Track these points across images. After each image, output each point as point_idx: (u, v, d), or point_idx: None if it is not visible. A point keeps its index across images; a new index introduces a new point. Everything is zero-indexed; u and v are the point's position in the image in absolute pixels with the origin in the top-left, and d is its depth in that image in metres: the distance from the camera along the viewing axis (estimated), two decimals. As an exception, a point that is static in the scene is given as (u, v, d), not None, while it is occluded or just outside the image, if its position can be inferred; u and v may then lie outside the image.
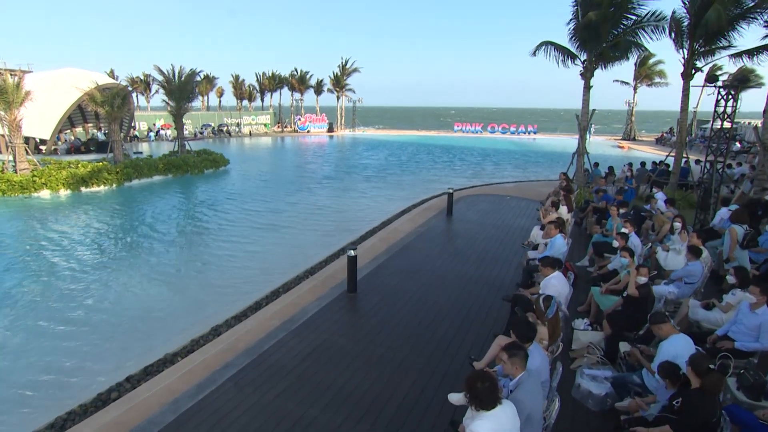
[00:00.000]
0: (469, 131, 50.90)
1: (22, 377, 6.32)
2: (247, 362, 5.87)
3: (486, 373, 3.17)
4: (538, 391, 3.58)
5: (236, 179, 22.24)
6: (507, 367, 3.56)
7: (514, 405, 3.25)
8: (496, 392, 3.08)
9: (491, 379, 3.11)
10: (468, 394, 3.08)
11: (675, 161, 15.47)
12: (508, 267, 9.27)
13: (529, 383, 3.47)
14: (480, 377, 3.10)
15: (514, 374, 3.52)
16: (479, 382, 3.06)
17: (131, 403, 5.22)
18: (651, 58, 36.70)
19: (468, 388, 3.08)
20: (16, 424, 5.29)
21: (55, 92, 23.94)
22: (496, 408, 3.06)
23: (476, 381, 3.07)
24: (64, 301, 8.73)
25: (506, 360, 3.53)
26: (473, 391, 3.06)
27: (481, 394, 3.03)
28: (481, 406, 3.06)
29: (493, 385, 3.07)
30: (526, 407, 3.33)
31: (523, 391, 3.42)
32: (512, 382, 3.53)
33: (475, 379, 3.08)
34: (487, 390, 3.03)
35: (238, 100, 57.16)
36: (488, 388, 3.03)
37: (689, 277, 6.38)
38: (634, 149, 34.53)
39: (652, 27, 12.87)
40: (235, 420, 4.76)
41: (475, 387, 3.05)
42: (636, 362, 4.77)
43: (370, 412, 4.89)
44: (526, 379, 3.47)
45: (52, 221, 14.22)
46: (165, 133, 41.57)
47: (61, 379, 6.23)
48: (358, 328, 6.78)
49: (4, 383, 6.18)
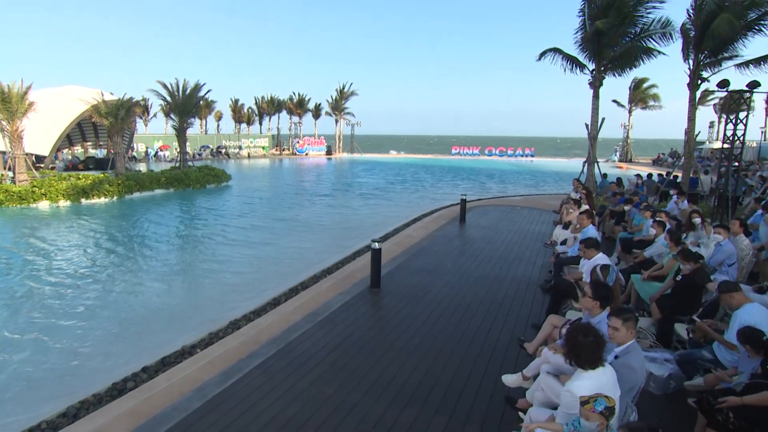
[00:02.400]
0: (467, 154, 51.31)
1: (29, 370, 5.85)
2: (273, 352, 5.45)
3: (590, 327, 2.81)
4: (644, 363, 3.20)
5: (241, 193, 21.96)
6: (620, 334, 3.16)
7: (623, 372, 2.87)
8: (601, 350, 2.70)
9: (596, 334, 2.73)
10: (567, 349, 2.72)
11: (684, 172, 15.46)
12: (533, 266, 8.96)
13: (639, 351, 3.09)
14: (582, 330, 2.73)
15: (625, 341, 3.14)
16: (581, 335, 2.70)
17: (150, 392, 4.76)
18: (645, 82, 37.60)
19: (568, 342, 2.73)
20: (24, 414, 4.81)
21: (56, 109, 23.83)
22: (597, 369, 2.68)
23: (578, 334, 2.71)
24: (66, 299, 8.26)
25: (620, 326, 3.12)
26: (574, 345, 2.70)
27: (582, 349, 2.67)
28: (582, 363, 2.69)
29: (598, 341, 2.70)
30: (635, 377, 2.94)
31: (635, 358, 3.03)
32: (621, 348, 3.14)
33: (577, 332, 2.73)
34: (589, 345, 2.66)
35: (236, 123, 57.45)
36: (592, 343, 2.67)
37: (729, 258, 6.13)
38: (633, 168, 34.79)
39: (659, 34, 13.03)
40: (269, 406, 4.33)
41: (576, 341, 2.69)
42: (702, 338, 4.44)
43: (415, 398, 4.48)
44: (636, 347, 3.10)
45: (55, 228, 13.78)
46: (163, 155, 41.39)
47: (70, 373, 5.75)
48: (386, 320, 6.39)
49: (12, 375, 5.72)
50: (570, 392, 2.55)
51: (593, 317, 3.88)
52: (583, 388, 2.63)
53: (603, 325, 3.75)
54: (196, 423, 4.09)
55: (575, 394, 2.55)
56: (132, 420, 4.20)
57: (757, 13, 13.44)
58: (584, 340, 2.68)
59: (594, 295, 3.81)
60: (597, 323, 3.79)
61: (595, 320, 3.83)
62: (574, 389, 2.62)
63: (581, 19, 13.60)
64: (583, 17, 13.53)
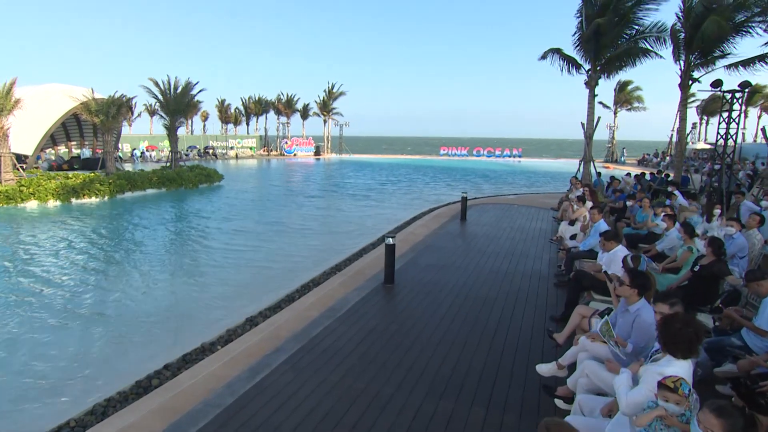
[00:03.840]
0: (455, 155, 51.65)
1: (46, 369, 5.70)
2: (297, 347, 5.39)
3: (692, 318, 2.80)
4: None
5: (235, 193, 21.66)
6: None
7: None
8: (698, 342, 2.69)
9: (697, 326, 2.72)
10: (664, 338, 2.71)
11: (675, 170, 15.84)
12: (540, 261, 9.06)
13: None
14: (682, 320, 2.72)
15: None
16: (679, 323, 2.69)
17: (176, 389, 4.66)
18: (630, 84, 38.42)
19: (665, 331, 2.71)
20: (47, 412, 4.67)
21: (40, 107, 23.17)
22: (689, 360, 2.69)
23: (676, 323, 2.70)
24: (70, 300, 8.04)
25: (668, 311, 3.11)
26: (673, 333, 2.68)
27: (681, 338, 2.66)
28: (675, 351, 2.69)
29: (698, 334, 2.69)
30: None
31: None
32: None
33: (675, 322, 2.71)
34: (688, 336, 2.66)
35: (223, 124, 56.81)
36: (691, 334, 2.66)
37: (741, 251, 6.29)
38: (620, 169, 35.47)
39: (654, 38, 13.33)
40: (303, 401, 4.28)
41: (674, 329, 2.68)
42: (728, 325, 4.54)
43: (449, 389, 4.48)
44: None
45: (52, 228, 13.41)
46: (150, 155, 40.68)
47: (87, 371, 5.60)
48: (407, 314, 6.39)
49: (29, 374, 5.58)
50: (662, 375, 2.56)
51: (630, 305, 3.93)
52: (678, 372, 2.64)
53: (643, 312, 3.83)
54: (232, 418, 4.03)
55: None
56: (165, 417, 4.10)
57: (744, 15, 13.88)
58: (685, 330, 2.67)
59: (632, 283, 3.86)
60: (636, 311, 3.86)
61: (633, 308, 3.89)
62: (667, 371, 2.61)
63: (579, 20, 13.84)
64: (580, 18, 13.77)
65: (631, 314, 3.89)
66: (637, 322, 3.81)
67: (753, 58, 13.76)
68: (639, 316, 3.82)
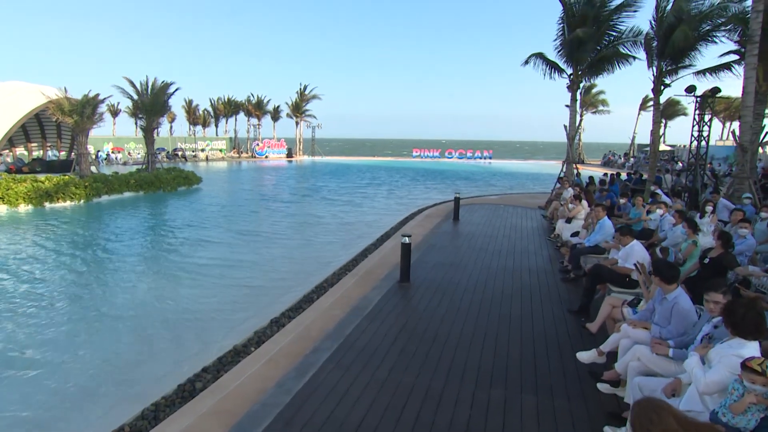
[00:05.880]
0: (427, 156, 52.37)
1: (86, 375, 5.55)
2: (336, 346, 5.45)
3: (755, 302, 3.01)
4: None
5: (217, 196, 21.14)
6: (721, 307, 3.36)
7: None
8: (764, 323, 2.89)
9: (758, 307, 2.94)
10: (731, 322, 2.92)
11: (650, 170, 16.77)
12: (542, 258, 9.43)
13: None
14: (745, 305, 2.92)
15: None
16: (743, 308, 2.89)
17: (223, 391, 4.62)
18: (594, 88, 40.18)
19: (730, 316, 2.92)
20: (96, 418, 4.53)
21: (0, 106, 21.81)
22: (755, 342, 2.90)
23: (739, 308, 2.91)
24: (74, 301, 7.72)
25: (721, 299, 3.37)
26: (736, 318, 2.89)
27: (748, 321, 2.85)
28: (746, 334, 2.88)
29: (761, 314, 2.89)
30: None
31: None
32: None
33: (739, 306, 2.92)
34: (754, 318, 2.86)
35: (191, 125, 55.23)
36: (757, 316, 2.87)
37: (749, 250, 6.77)
38: (587, 169, 36.99)
39: (631, 42, 14.10)
40: (359, 397, 4.36)
41: (738, 314, 2.89)
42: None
43: (495, 379, 4.68)
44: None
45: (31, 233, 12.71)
46: (116, 157, 39.10)
47: (122, 377, 5.46)
48: (431, 310, 6.54)
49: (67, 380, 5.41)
50: (740, 357, 2.79)
51: (667, 294, 4.23)
52: (752, 353, 2.86)
53: (681, 299, 4.14)
54: (294, 417, 4.05)
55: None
56: (221, 419, 4.08)
57: (709, 26, 14.90)
58: (750, 313, 2.89)
59: (665, 274, 4.16)
60: (674, 298, 4.17)
61: (671, 296, 4.19)
62: (745, 353, 2.83)
63: (560, 26, 14.47)
64: (562, 24, 14.40)
65: (669, 302, 4.19)
66: (675, 309, 4.11)
67: (720, 66, 14.79)
68: (677, 303, 4.12)
